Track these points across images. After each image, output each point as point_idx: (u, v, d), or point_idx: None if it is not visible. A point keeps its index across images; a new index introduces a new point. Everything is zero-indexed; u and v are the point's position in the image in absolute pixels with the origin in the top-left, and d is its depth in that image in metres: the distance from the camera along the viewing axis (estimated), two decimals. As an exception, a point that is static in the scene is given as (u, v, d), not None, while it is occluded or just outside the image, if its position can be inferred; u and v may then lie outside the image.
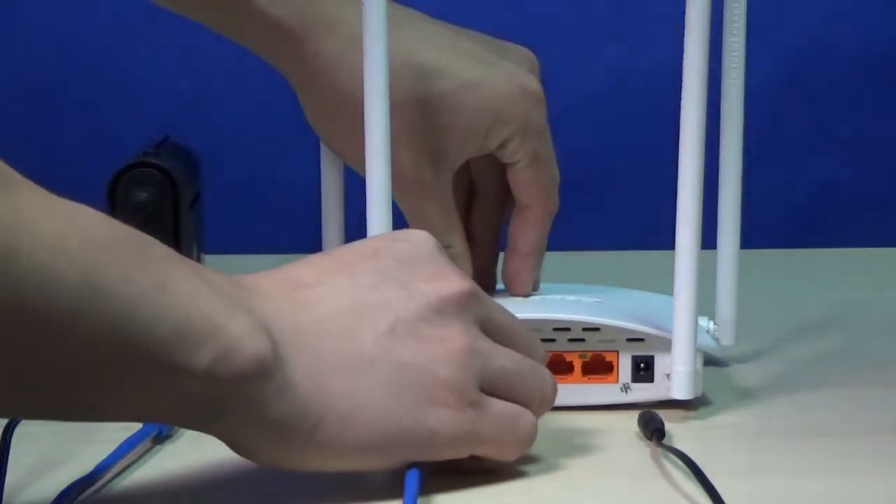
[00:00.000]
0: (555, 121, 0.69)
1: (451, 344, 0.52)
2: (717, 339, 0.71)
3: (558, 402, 0.64)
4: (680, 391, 0.63)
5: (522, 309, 0.66)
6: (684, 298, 0.62)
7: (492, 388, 0.53)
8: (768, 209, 1.22)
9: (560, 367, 0.64)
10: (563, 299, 0.69)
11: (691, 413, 0.64)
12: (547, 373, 0.56)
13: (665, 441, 0.59)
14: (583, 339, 0.64)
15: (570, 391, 0.64)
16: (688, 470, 0.54)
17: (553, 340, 0.64)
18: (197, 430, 0.50)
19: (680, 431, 0.61)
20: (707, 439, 0.61)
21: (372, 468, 0.53)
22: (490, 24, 0.72)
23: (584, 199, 1.25)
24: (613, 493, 0.55)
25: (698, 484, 0.53)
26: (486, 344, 0.54)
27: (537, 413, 0.55)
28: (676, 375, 0.63)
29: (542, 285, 0.73)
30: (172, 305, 0.46)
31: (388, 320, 0.51)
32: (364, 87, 0.60)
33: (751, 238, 0.72)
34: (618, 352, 0.64)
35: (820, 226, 1.27)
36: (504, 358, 0.54)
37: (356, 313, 0.51)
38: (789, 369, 0.73)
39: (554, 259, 0.72)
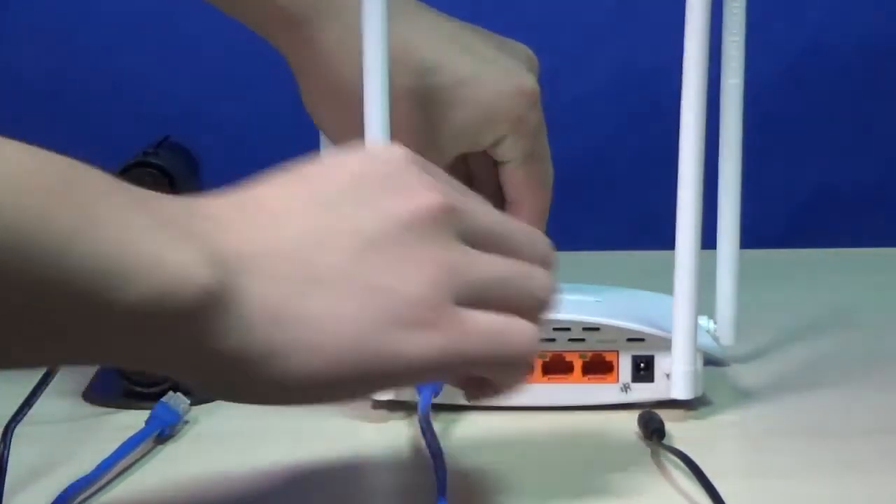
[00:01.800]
0: (555, 120, 0.69)
1: (423, 262, 0.48)
2: (717, 339, 0.71)
3: (558, 402, 0.64)
4: (680, 391, 0.63)
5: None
6: (684, 298, 0.62)
7: (477, 301, 0.49)
8: (768, 209, 1.22)
9: (560, 367, 0.64)
10: (563, 299, 0.69)
11: (691, 413, 0.64)
12: (541, 273, 0.52)
13: (665, 441, 0.59)
14: (583, 339, 0.64)
15: (570, 391, 0.64)
16: (688, 470, 0.54)
17: (553, 340, 0.64)
18: (149, 369, 0.47)
19: (680, 431, 0.61)
20: (707, 439, 0.61)
21: (342, 400, 0.50)
22: (490, 24, 0.72)
23: (584, 199, 1.25)
24: (613, 493, 0.55)
25: (698, 484, 0.53)
26: (465, 256, 0.49)
27: (534, 319, 0.51)
28: (676, 375, 0.63)
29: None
30: (105, 240, 0.42)
31: (353, 242, 0.47)
32: (364, 85, 0.60)
33: (751, 238, 0.73)
34: (618, 352, 0.64)
35: (820, 226, 1.27)
36: (487, 267, 0.50)
37: (319, 236, 0.47)
38: (789, 369, 0.73)
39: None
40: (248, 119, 1.19)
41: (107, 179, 0.44)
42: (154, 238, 0.43)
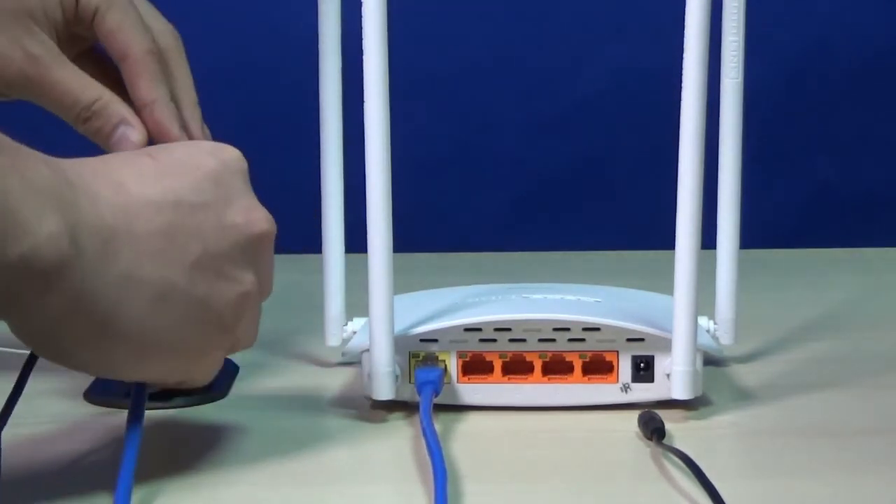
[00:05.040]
0: (555, 121, 0.69)
1: (241, 288, 0.55)
2: (717, 339, 0.71)
3: (558, 402, 0.64)
4: (680, 391, 0.63)
5: (523, 309, 0.66)
6: (684, 298, 0.62)
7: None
8: (768, 209, 1.22)
9: (560, 367, 0.64)
10: (563, 299, 0.69)
11: (691, 413, 0.64)
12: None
13: (665, 441, 0.59)
14: (583, 339, 0.64)
15: (570, 391, 0.64)
16: (688, 470, 0.54)
17: (553, 340, 0.64)
18: None
19: (680, 431, 0.61)
20: (707, 439, 0.61)
21: (155, 381, 0.56)
22: (490, 24, 0.72)
23: (584, 199, 1.26)
24: (613, 493, 0.55)
25: (698, 484, 0.53)
26: (258, 289, 0.56)
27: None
28: (676, 375, 0.63)
29: (542, 285, 0.73)
30: None
31: (197, 251, 0.53)
32: (364, 87, 0.60)
33: (751, 238, 0.73)
34: (618, 352, 0.64)
35: (819, 226, 1.27)
36: (255, 308, 0.57)
37: (171, 236, 0.52)
38: (789, 369, 0.73)
39: (554, 259, 0.72)
40: (248, 119, 1.19)
41: None
42: (29, 205, 0.46)
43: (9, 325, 0.50)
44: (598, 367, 0.65)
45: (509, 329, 0.64)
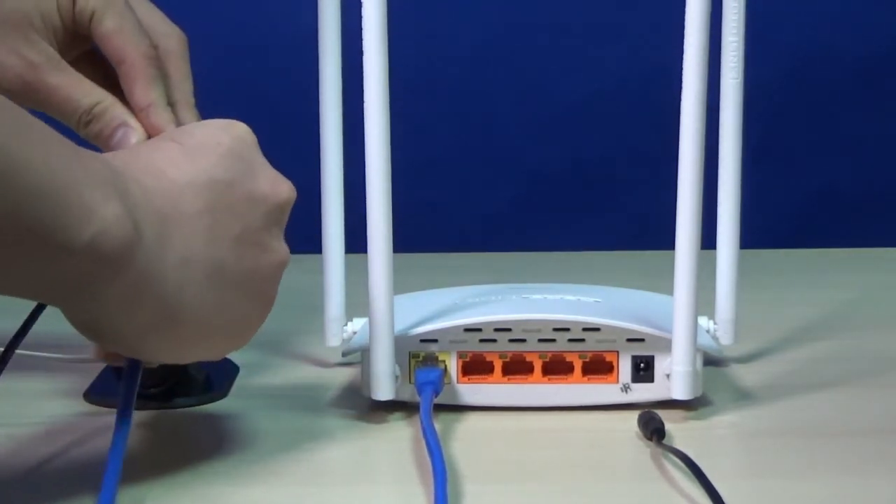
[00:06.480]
0: (555, 121, 0.69)
1: (278, 257, 0.56)
2: (717, 339, 0.71)
3: (558, 402, 0.64)
4: (680, 391, 0.63)
5: (523, 309, 0.66)
6: (684, 298, 0.62)
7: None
8: (768, 209, 1.22)
9: (560, 367, 0.64)
10: (563, 299, 0.69)
11: (691, 413, 0.64)
12: None
13: (665, 441, 0.59)
14: (583, 339, 0.64)
15: (570, 391, 0.64)
16: (688, 470, 0.54)
17: (553, 340, 0.64)
18: (56, 304, 0.50)
19: (680, 431, 0.61)
20: (707, 439, 0.61)
21: (210, 358, 0.57)
22: (490, 24, 0.72)
23: (584, 200, 1.26)
24: (613, 493, 0.55)
25: (698, 484, 0.53)
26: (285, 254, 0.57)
27: None
28: (676, 375, 0.63)
29: (541, 285, 0.73)
30: (56, 185, 0.46)
31: (237, 226, 0.54)
32: (364, 87, 0.60)
33: (751, 238, 0.73)
34: (618, 352, 0.64)
35: (820, 226, 1.27)
36: (284, 260, 0.58)
37: (212, 215, 0.53)
38: (789, 369, 0.73)
39: (554, 259, 0.72)
40: (248, 119, 1.19)
41: (45, 125, 0.48)
42: (94, 191, 0.48)
43: (67, 315, 0.51)
44: (598, 367, 0.65)
45: (509, 329, 0.64)
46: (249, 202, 0.55)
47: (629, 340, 0.64)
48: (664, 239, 0.64)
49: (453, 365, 0.64)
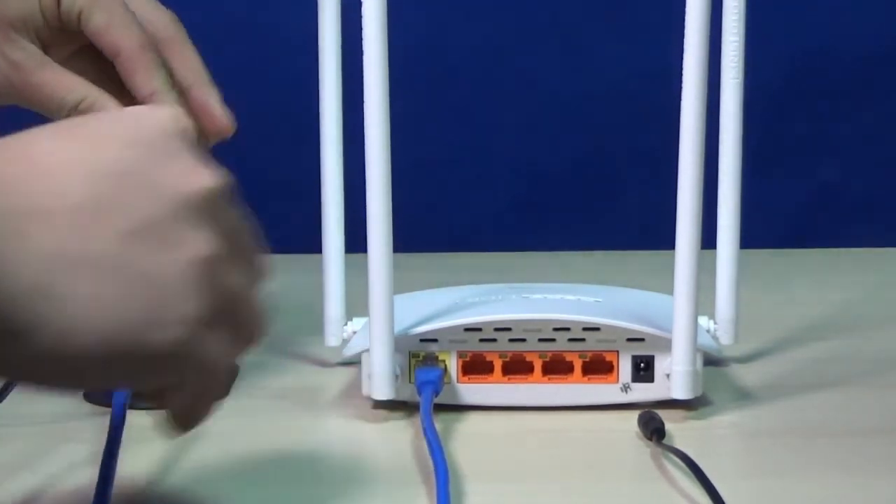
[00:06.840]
0: (556, 121, 0.69)
1: (194, 251, 0.46)
2: (717, 339, 0.71)
3: (558, 402, 0.64)
4: (680, 391, 0.63)
5: (523, 308, 0.66)
6: (684, 298, 0.62)
7: (219, 307, 0.47)
8: (768, 209, 1.22)
9: (560, 366, 0.64)
10: (563, 299, 0.69)
11: (691, 413, 0.64)
12: (264, 309, 0.50)
13: (665, 441, 0.59)
14: (583, 339, 0.64)
15: (570, 391, 0.64)
16: (688, 470, 0.54)
17: (553, 340, 0.64)
18: None
19: (680, 431, 0.61)
20: (707, 439, 0.61)
21: (88, 387, 0.50)
22: (490, 24, 0.72)
23: (584, 199, 1.25)
24: (613, 493, 0.55)
25: (698, 484, 0.53)
26: (227, 254, 0.48)
27: (239, 351, 0.49)
28: (676, 375, 0.63)
29: (541, 285, 0.73)
30: None
31: (130, 220, 0.45)
32: (364, 87, 0.60)
33: (751, 238, 0.73)
34: (618, 352, 0.64)
35: (820, 226, 1.27)
36: (240, 276, 0.48)
37: (94, 209, 0.45)
38: (789, 369, 0.73)
39: (554, 259, 0.72)
40: (248, 119, 1.19)
41: None
42: None
43: None
44: (598, 366, 0.65)
45: (509, 329, 0.64)
46: (150, 195, 0.46)
47: (629, 340, 0.64)
48: (664, 239, 0.64)
49: (453, 364, 0.64)
